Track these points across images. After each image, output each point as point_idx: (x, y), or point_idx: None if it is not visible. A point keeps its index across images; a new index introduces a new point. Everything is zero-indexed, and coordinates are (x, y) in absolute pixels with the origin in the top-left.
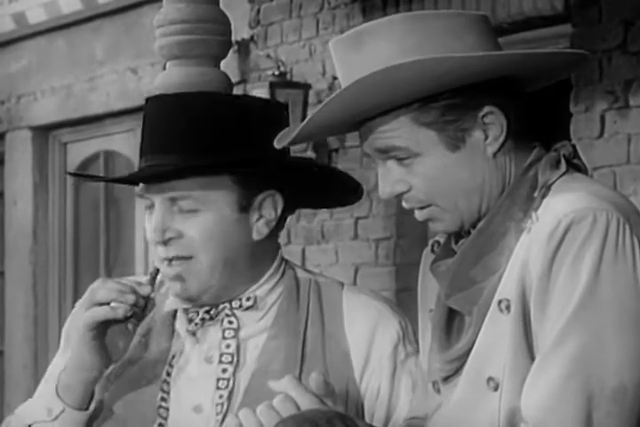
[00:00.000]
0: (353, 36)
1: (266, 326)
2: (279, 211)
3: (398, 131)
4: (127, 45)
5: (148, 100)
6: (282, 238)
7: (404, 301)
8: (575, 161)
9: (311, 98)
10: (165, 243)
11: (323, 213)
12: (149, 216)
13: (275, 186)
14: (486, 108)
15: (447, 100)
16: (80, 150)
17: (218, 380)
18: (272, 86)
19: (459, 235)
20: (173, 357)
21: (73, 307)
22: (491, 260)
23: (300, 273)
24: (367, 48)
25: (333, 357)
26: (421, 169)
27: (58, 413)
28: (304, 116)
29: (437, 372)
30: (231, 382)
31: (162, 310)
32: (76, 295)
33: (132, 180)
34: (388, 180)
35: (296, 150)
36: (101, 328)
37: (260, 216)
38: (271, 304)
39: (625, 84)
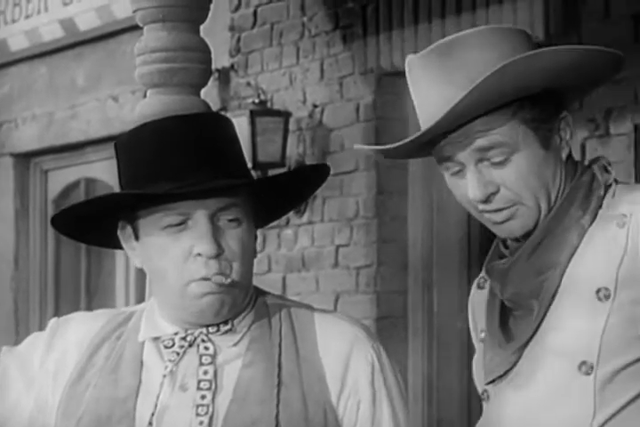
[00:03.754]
0: (442, 46)
1: (240, 353)
2: None
3: (502, 128)
4: (108, 73)
5: (161, 121)
6: (262, 266)
7: (384, 328)
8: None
9: (291, 126)
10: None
11: (303, 241)
12: (179, 235)
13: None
14: (564, 113)
15: (543, 101)
16: (61, 178)
17: (197, 406)
18: (252, 114)
19: (505, 241)
20: (158, 396)
21: None
22: (551, 255)
23: (270, 299)
24: (460, 55)
25: (310, 381)
26: (517, 166)
27: None
28: (284, 144)
29: (498, 367)
30: (210, 408)
31: (130, 345)
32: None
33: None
34: (480, 182)
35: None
36: None
37: None
38: (244, 330)
39: (605, 112)
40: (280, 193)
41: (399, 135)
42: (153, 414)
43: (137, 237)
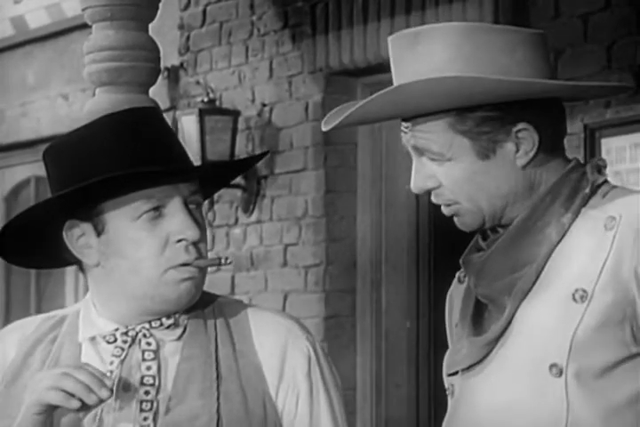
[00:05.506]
0: (410, 35)
1: (178, 348)
2: None
3: (435, 135)
4: (58, 71)
5: (108, 116)
6: None
7: (333, 327)
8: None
9: (240, 124)
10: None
11: (252, 240)
12: (156, 222)
13: None
14: (520, 125)
15: (484, 113)
16: (12, 176)
17: (141, 402)
18: (201, 113)
19: (485, 233)
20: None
21: None
22: (527, 251)
23: (202, 296)
24: (422, 49)
25: (248, 374)
26: (451, 172)
27: None
28: (233, 143)
29: (464, 360)
30: (155, 403)
31: (67, 349)
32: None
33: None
34: (421, 175)
35: None
36: (50, 409)
37: None
38: (185, 323)
39: None
40: (225, 181)
41: (348, 134)
42: (100, 414)
43: (99, 233)
